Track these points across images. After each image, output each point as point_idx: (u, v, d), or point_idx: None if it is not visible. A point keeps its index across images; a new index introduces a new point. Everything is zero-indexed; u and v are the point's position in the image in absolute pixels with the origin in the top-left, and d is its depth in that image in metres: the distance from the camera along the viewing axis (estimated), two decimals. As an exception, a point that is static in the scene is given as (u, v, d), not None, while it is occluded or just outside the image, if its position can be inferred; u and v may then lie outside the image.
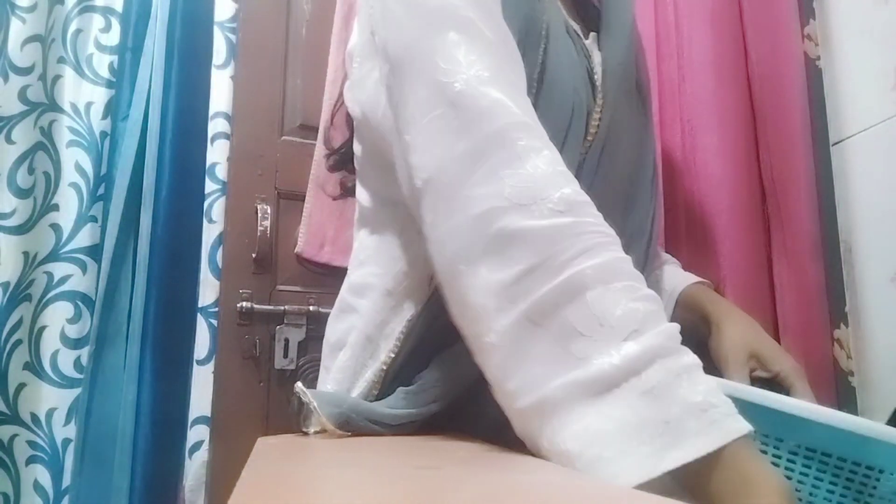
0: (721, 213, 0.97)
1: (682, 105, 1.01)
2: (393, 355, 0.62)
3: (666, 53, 1.04)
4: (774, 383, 0.68)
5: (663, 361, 0.40)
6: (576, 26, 0.71)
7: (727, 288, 0.93)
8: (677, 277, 0.83)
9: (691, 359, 0.42)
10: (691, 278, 0.83)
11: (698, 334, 0.79)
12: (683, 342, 0.42)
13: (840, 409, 0.92)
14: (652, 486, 0.37)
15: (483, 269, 0.44)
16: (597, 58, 0.69)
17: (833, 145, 1.00)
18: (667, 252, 0.98)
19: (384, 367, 0.62)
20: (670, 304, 0.81)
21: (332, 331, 0.70)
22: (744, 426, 0.39)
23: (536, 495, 0.31)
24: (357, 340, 0.65)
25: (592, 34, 0.72)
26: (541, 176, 0.45)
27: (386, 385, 0.62)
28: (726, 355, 0.68)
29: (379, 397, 0.62)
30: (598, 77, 0.65)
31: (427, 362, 0.60)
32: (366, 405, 0.58)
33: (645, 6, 1.06)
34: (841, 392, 0.93)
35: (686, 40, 1.02)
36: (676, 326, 0.43)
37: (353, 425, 0.55)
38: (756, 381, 0.67)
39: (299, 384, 0.56)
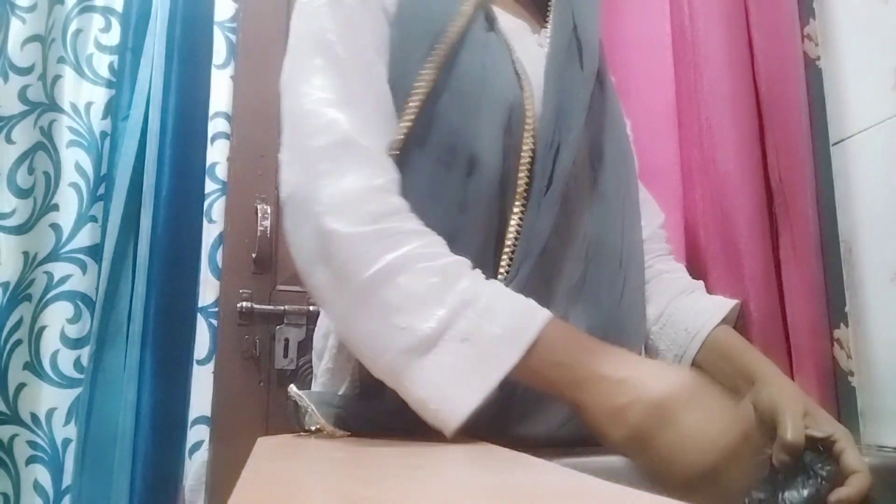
0: (740, 211, 0.96)
1: (700, 103, 1.01)
2: None
3: (681, 52, 1.04)
4: (823, 446, 0.64)
5: (465, 311, 0.50)
6: (518, 22, 0.73)
7: (750, 289, 0.93)
8: (700, 314, 0.79)
9: (486, 296, 0.52)
10: (716, 315, 0.78)
11: (725, 380, 0.74)
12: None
13: (840, 409, 0.92)
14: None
15: (318, 269, 0.54)
16: (536, 53, 0.70)
17: (833, 145, 0.99)
18: (687, 248, 0.97)
19: (357, 364, 0.63)
20: (693, 345, 0.77)
21: (316, 339, 0.72)
22: (532, 333, 0.50)
23: (536, 495, 0.31)
24: (335, 343, 0.67)
25: (545, 30, 0.73)
26: (355, 190, 0.54)
27: (364, 381, 0.63)
28: (783, 405, 0.66)
29: (361, 395, 0.62)
30: (522, 70, 0.67)
31: None
32: (361, 404, 0.58)
33: (660, 6, 1.06)
34: (841, 392, 0.93)
35: (702, 38, 1.02)
36: (469, 279, 0.53)
37: (350, 423, 0.56)
38: (808, 440, 0.65)
39: (293, 387, 0.56)
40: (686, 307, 0.80)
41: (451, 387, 0.49)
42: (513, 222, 0.62)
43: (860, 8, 0.97)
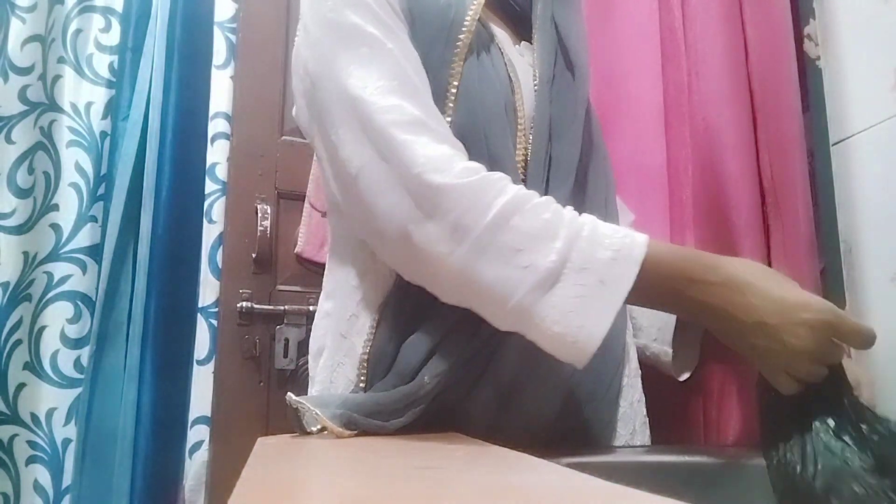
0: (736, 211, 0.96)
1: (693, 103, 1.01)
2: (369, 346, 0.64)
3: (671, 54, 1.04)
4: None
5: (577, 242, 0.54)
6: (502, 32, 0.75)
7: None
8: None
9: (588, 226, 0.55)
10: None
11: None
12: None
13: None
14: None
15: (430, 225, 0.55)
16: (519, 60, 0.73)
17: (833, 145, 0.99)
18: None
19: (364, 358, 0.64)
20: (671, 320, 0.79)
21: (313, 340, 0.72)
22: (640, 250, 0.54)
23: (536, 495, 0.31)
24: (333, 341, 0.68)
25: (524, 43, 0.76)
26: (442, 154, 0.57)
27: (369, 377, 0.63)
28: None
29: (366, 388, 0.63)
30: (514, 73, 0.70)
31: (401, 344, 0.62)
32: (360, 399, 0.58)
33: (648, 7, 1.05)
34: (841, 392, 0.93)
35: (699, 38, 1.01)
36: (569, 212, 0.57)
37: (356, 423, 0.56)
38: None
39: (290, 395, 0.56)
40: None
41: (581, 315, 0.52)
42: None
43: (860, 8, 0.97)
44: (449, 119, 0.63)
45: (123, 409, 1.13)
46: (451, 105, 0.63)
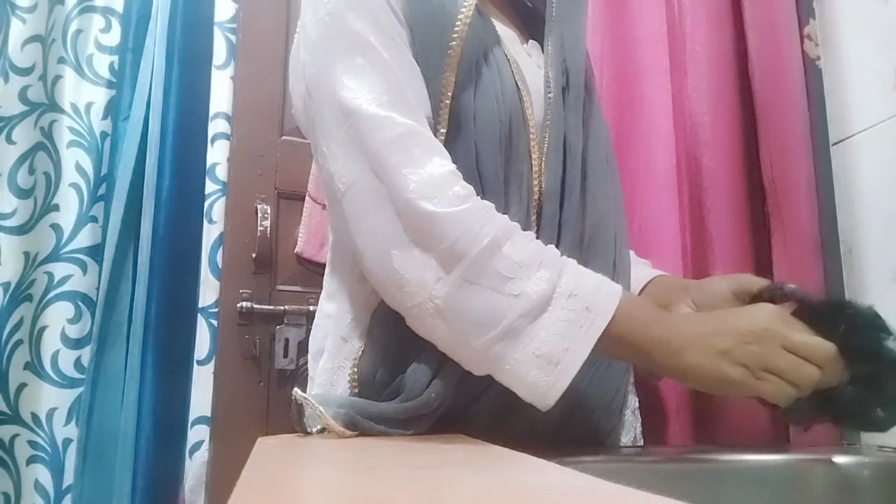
0: (725, 211, 0.97)
1: (684, 100, 1.01)
2: (361, 351, 0.64)
3: (673, 51, 1.04)
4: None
5: (564, 271, 0.57)
6: (508, 31, 0.74)
7: None
8: (641, 273, 0.83)
9: (570, 260, 0.59)
10: (657, 271, 0.83)
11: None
12: None
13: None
14: None
15: (416, 250, 0.56)
16: (527, 62, 0.72)
17: (833, 145, 1.00)
18: (669, 247, 0.98)
19: (355, 362, 0.64)
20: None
21: (313, 340, 0.72)
22: (617, 287, 0.57)
23: (536, 495, 0.31)
24: (333, 343, 0.68)
25: (532, 41, 0.75)
26: (439, 175, 0.57)
27: (362, 381, 0.63)
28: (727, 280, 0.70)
29: (360, 396, 0.62)
30: (522, 80, 0.69)
31: (403, 357, 0.61)
32: (365, 403, 0.58)
33: (655, 6, 1.05)
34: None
35: (689, 36, 1.02)
36: (552, 248, 0.59)
37: (358, 425, 0.56)
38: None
39: (297, 390, 0.56)
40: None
41: (567, 338, 0.54)
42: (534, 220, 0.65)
43: (860, 8, 0.97)
44: (443, 131, 0.62)
45: (124, 409, 1.13)
46: (444, 118, 0.62)
